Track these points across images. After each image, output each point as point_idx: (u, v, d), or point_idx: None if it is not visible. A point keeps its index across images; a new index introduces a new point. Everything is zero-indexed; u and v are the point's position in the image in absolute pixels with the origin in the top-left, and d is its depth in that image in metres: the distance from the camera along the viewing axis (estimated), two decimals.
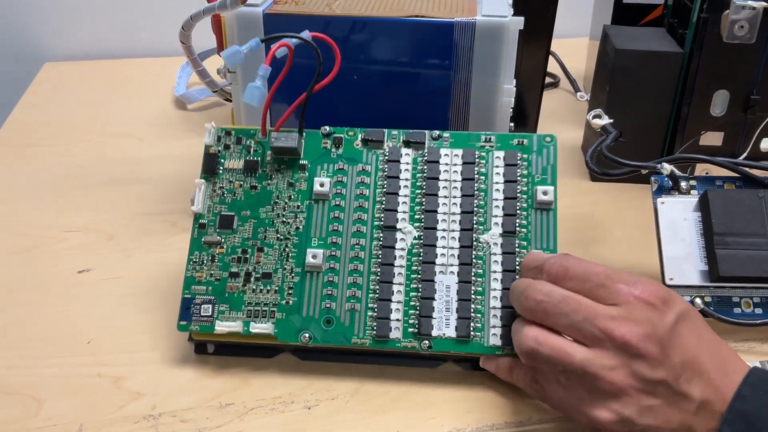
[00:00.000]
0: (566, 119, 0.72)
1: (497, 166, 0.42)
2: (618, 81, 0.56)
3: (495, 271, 0.39)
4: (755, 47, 0.52)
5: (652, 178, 0.44)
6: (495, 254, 0.40)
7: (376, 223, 0.41)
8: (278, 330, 0.38)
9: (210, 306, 0.39)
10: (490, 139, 0.42)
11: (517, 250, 0.40)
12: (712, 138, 0.55)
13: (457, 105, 0.47)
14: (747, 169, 0.44)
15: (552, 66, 0.82)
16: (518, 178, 0.41)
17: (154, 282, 0.47)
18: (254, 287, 0.40)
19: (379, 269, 0.40)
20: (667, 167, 0.43)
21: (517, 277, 0.39)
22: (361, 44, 0.46)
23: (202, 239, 0.41)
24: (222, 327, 0.38)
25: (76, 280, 0.48)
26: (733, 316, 0.41)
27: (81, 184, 0.59)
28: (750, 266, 0.40)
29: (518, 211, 0.41)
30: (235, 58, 0.40)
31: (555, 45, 0.85)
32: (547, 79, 0.81)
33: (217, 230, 0.41)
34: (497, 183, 0.41)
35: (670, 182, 0.44)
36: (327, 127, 0.43)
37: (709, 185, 0.44)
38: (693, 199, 0.43)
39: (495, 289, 0.39)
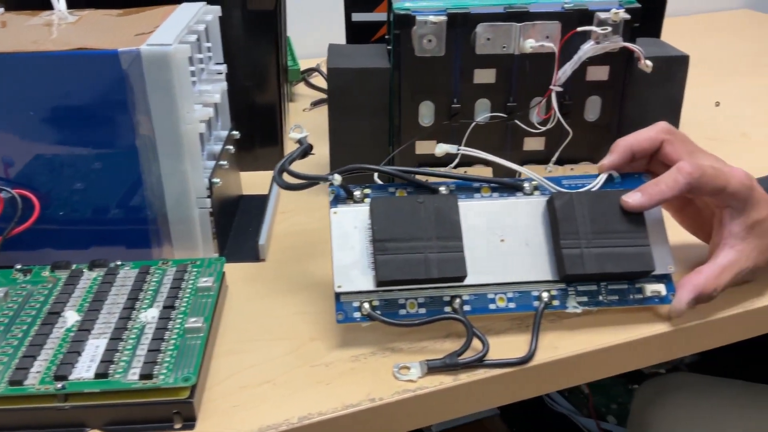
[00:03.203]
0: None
1: (168, 275, 0.46)
2: (334, 97, 0.58)
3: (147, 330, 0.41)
4: (446, 59, 0.54)
5: (329, 189, 0.45)
6: (150, 325, 0.42)
7: (42, 314, 0.43)
8: None
9: None
10: (167, 262, 0.48)
11: (173, 315, 0.43)
12: (426, 146, 0.58)
13: (143, 135, 0.47)
14: (416, 175, 0.46)
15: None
16: (185, 277, 0.46)
17: None
18: None
19: (35, 332, 0.41)
20: (337, 178, 0.44)
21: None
22: (29, 80, 0.45)
23: None
24: None
25: None
26: (398, 318, 0.43)
27: None
28: (406, 269, 0.42)
29: (179, 295, 0.44)
30: None
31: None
32: (321, 96, 0.83)
33: None
34: (166, 283, 0.46)
35: (345, 192, 0.45)
36: (19, 265, 0.47)
37: (382, 193, 0.45)
38: (365, 207, 0.45)
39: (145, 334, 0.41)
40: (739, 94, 0.84)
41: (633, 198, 0.44)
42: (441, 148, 0.48)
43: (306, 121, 0.80)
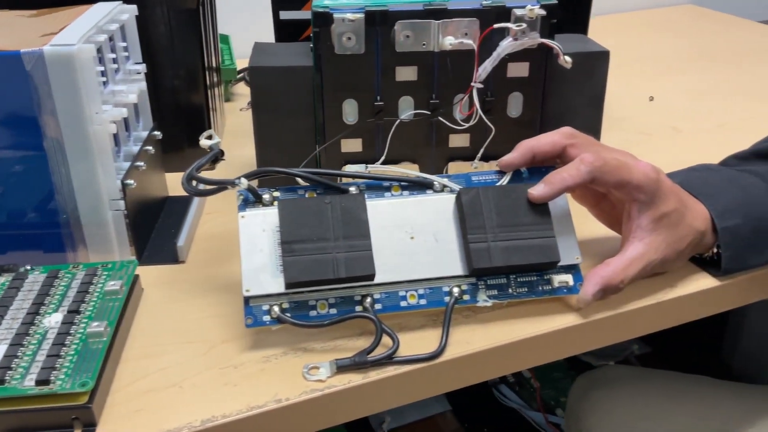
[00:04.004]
0: None
1: (77, 279, 0.45)
2: (258, 97, 0.57)
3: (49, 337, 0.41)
4: (367, 56, 0.54)
5: (237, 194, 0.45)
6: (53, 330, 0.41)
7: None
8: None
9: None
10: (78, 266, 0.47)
11: (77, 320, 0.42)
12: (352, 145, 0.58)
13: (51, 137, 0.46)
14: (324, 177, 0.46)
15: None
16: (94, 281, 0.45)
17: None
18: None
19: None
20: (244, 182, 0.44)
21: None
22: None
23: None
24: None
25: None
26: (308, 319, 0.43)
27: None
28: (314, 270, 0.42)
29: (86, 299, 0.44)
30: None
31: None
32: None
33: None
34: (74, 287, 0.45)
35: (253, 196, 0.45)
36: None
37: (290, 195, 0.45)
38: (273, 210, 0.44)
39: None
40: (674, 89, 0.86)
41: (537, 189, 0.45)
42: (349, 168, 0.49)
43: (243, 120, 0.79)
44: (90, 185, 0.47)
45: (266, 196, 0.45)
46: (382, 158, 0.57)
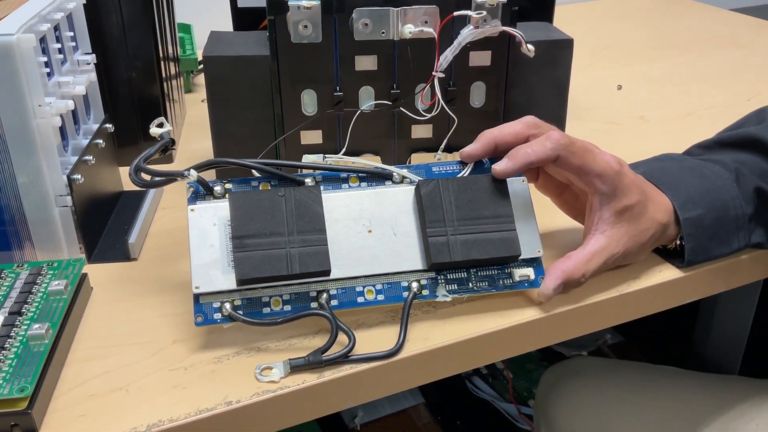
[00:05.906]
0: None
1: (20, 279, 0.44)
2: (213, 88, 0.56)
3: None
4: (325, 45, 0.53)
5: (187, 186, 0.43)
6: None
7: None
8: None
9: None
10: (23, 265, 0.45)
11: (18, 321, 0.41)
12: (312, 136, 0.56)
13: None
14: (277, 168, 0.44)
15: None
16: (38, 280, 0.44)
17: None
18: None
19: None
20: (193, 174, 0.42)
21: None
22: None
23: None
24: None
25: None
26: (261, 317, 0.41)
27: None
28: (267, 266, 0.40)
29: (29, 300, 0.42)
30: None
31: None
32: None
33: None
34: (16, 288, 0.43)
35: (204, 188, 0.43)
36: None
37: (243, 187, 0.44)
38: (225, 203, 0.43)
39: None
40: (642, 78, 0.85)
41: (500, 164, 0.44)
42: (307, 158, 0.47)
43: (204, 112, 0.75)
44: (35, 181, 0.46)
45: (218, 189, 0.43)
46: (343, 150, 0.56)
